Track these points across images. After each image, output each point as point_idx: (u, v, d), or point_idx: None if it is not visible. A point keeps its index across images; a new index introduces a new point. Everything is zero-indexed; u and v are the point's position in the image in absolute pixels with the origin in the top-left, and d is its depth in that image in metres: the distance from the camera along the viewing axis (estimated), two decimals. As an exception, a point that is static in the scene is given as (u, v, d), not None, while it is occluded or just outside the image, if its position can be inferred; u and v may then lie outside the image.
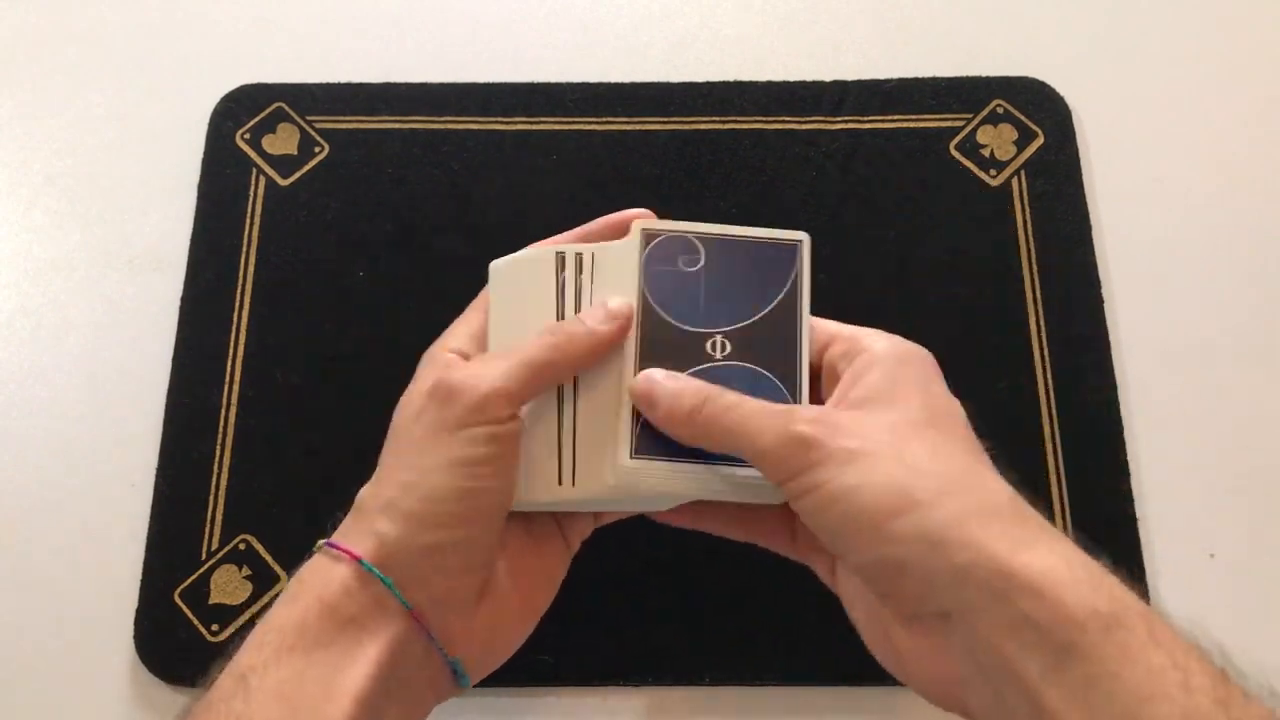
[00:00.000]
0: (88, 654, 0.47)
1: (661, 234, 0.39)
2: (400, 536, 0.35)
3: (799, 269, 0.39)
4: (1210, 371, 0.52)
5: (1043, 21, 0.60)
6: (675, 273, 0.39)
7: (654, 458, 0.37)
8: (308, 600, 0.34)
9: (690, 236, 0.40)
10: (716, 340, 0.38)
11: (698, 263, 0.39)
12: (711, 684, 0.46)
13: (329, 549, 0.36)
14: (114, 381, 0.52)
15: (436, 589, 0.35)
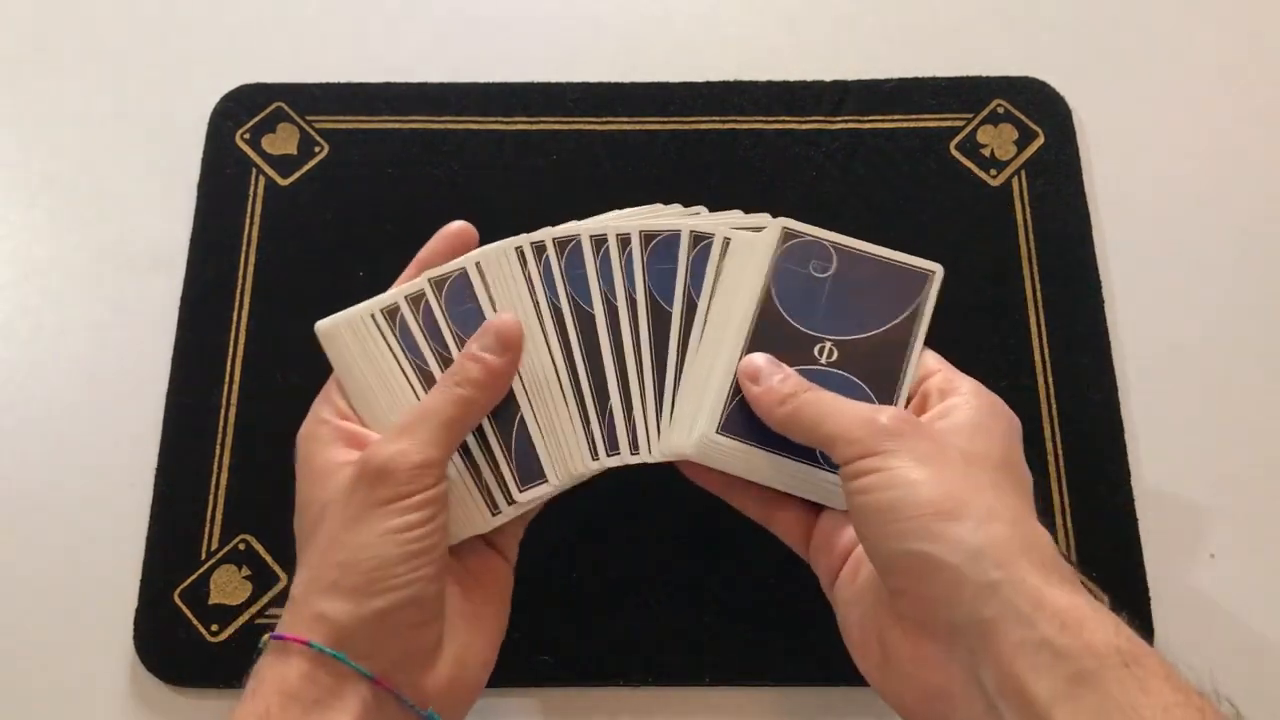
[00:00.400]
0: (88, 654, 0.47)
1: (801, 236, 0.41)
2: (347, 610, 0.35)
3: (924, 298, 0.41)
4: (1210, 371, 0.52)
5: (1043, 21, 0.60)
6: (804, 274, 0.41)
7: (740, 438, 0.38)
8: (268, 695, 0.34)
9: (827, 243, 0.41)
10: (826, 346, 0.40)
11: (828, 269, 0.41)
12: (711, 684, 0.46)
13: (276, 642, 0.35)
14: (114, 381, 0.52)
15: (395, 651, 0.35)
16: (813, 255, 0.41)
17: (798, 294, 0.40)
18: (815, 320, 0.40)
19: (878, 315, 0.40)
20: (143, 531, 0.49)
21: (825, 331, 0.40)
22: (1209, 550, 0.48)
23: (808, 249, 0.41)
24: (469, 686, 0.38)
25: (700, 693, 0.46)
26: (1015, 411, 0.47)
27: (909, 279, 0.41)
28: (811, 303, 0.40)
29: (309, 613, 0.35)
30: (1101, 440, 0.50)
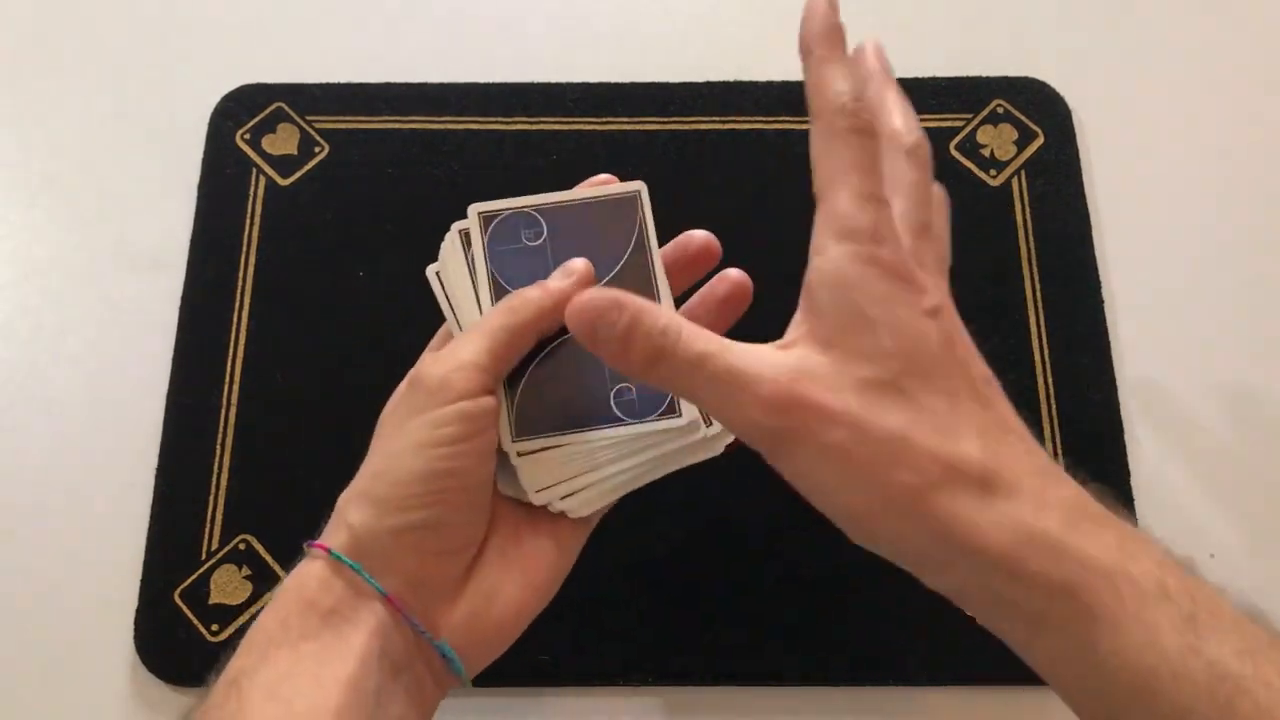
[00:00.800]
0: (88, 654, 0.47)
1: (499, 213, 0.39)
2: (367, 521, 0.34)
3: (641, 218, 0.39)
4: (1210, 371, 0.52)
5: (1043, 21, 0.60)
6: (520, 249, 0.39)
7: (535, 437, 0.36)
8: (288, 599, 0.34)
9: (529, 210, 0.39)
10: None
11: (541, 235, 0.39)
12: (712, 684, 0.46)
13: (308, 548, 0.36)
14: (114, 381, 0.52)
15: (411, 572, 0.35)
16: (520, 226, 0.39)
17: (522, 269, 0.38)
18: None
19: (609, 254, 0.39)
20: (143, 531, 0.49)
21: None
22: (1209, 550, 0.48)
23: (512, 222, 0.39)
24: (488, 642, 0.37)
25: (700, 693, 0.46)
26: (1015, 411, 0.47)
27: (619, 207, 0.39)
28: (542, 271, 0.38)
29: (339, 522, 0.35)
30: (1101, 440, 0.50)
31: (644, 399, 0.37)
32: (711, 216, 0.54)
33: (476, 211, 0.39)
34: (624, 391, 0.37)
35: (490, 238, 0.39)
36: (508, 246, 0.39)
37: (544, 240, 0.39)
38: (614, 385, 0.37)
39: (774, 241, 0.54)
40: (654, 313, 0.32)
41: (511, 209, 0.39)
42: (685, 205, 0.55)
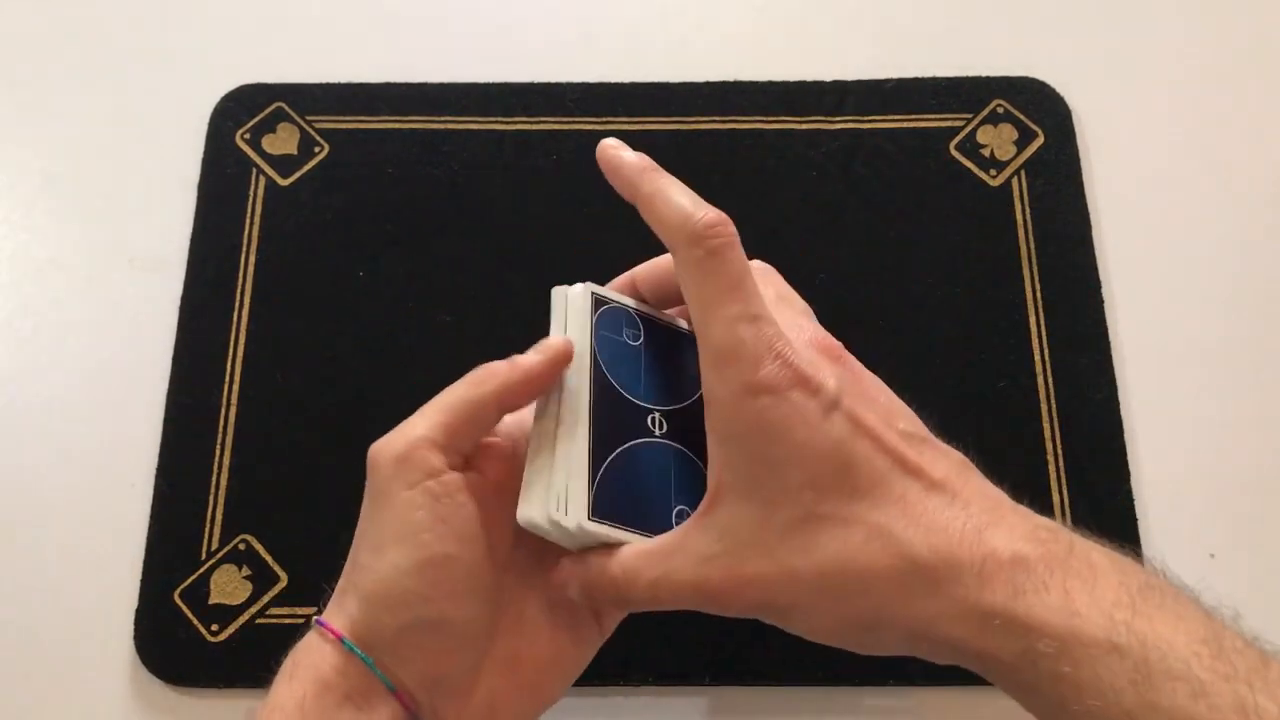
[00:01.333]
0: (88, 654, 0.47)
1: (609, 302, 0.39)
2: (367, 618, 0.33)
3: None
4: (1210, 371, 0.52)
5: (1043, 21, 0.60)
6: (620, 342, 0.39)
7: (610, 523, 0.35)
8: (305, 679, 0.33)
9: (632, 311, 0.40)
10: (655, 416, 0.38)
11: (639, 338, 0.39)
12: (712, 684, 0.46)
13: (318, 626, 0.35)
14: (114, 381, 0.52)
15: (422, 670, 0.34)
16: (623, 323, 0.39)
17: (619, 362, 0.38)
18: (639, 390, 0.38)
19: (688, 384, 0.39)
20: (143, 531, 0.49)
21: (650, 402, 0.38)
22: (1209, 550, 0.48)
23: (617, 316, 0.39)
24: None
25: (700, 693, 0.46)
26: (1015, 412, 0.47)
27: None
28: (633, 371, 0.38)
29: (341, 604, 0.34)
30: (1101, 440, 0.50)
31: None
32: (711, 216, 0.55)
33: (591, 292, 0.39)
34: (683, 514, 0.36)
35: (598, 321, 0.38)
36: (613, 335, 0.39)
37: (640, 344, 0.39)
38: (676, 504, 0.37)
39: (773, 241, 0.54)
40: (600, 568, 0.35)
41: (619, 304, 0.39)
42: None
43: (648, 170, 0.36)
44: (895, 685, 0.46)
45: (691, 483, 0.37)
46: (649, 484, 0.37)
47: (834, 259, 0.54)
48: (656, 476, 0.37)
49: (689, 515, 0.35)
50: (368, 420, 0.50)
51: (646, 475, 0.37)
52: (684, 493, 0.37)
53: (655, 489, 0.37)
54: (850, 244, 0.54)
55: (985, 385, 0.51)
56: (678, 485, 0.37)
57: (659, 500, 0.37)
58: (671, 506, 0.37)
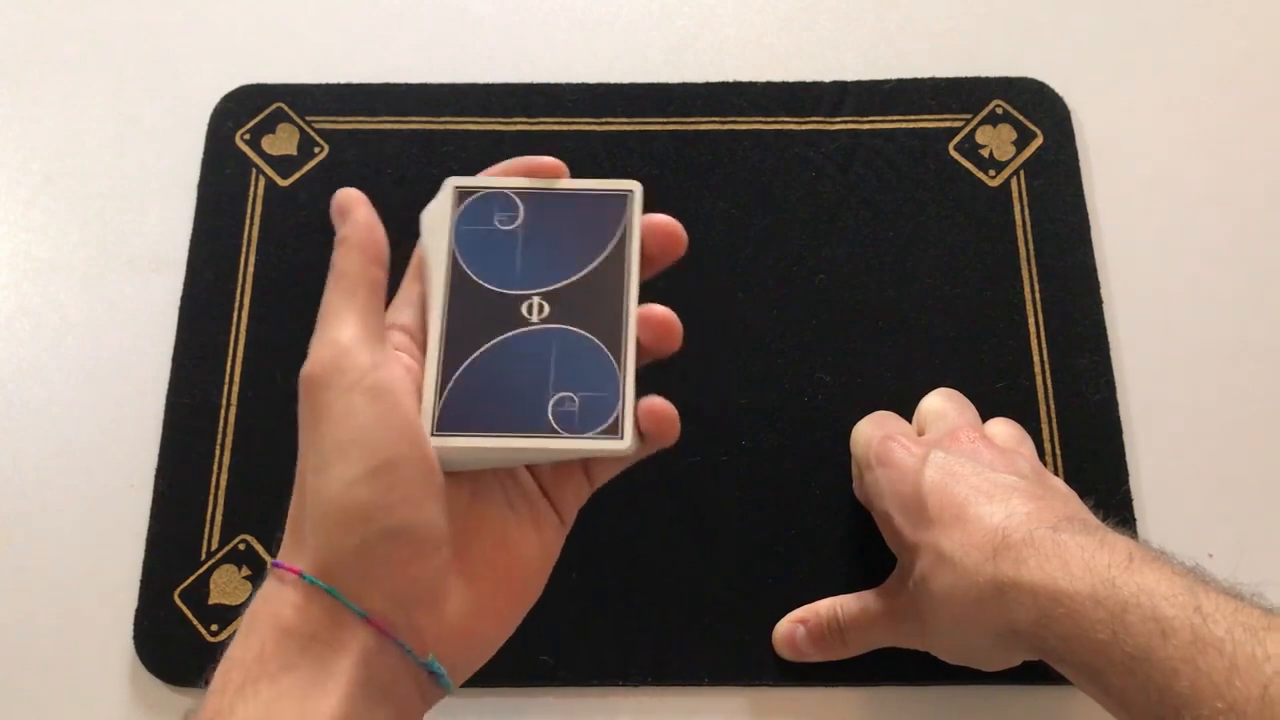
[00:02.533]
0: (88, 654, 0.47)
1: (476, 190, 0.37)
2: (325, 544, 0.31)
3: (628, 221, 0.36)
4: (1210, 371, 0.52)
5: (1042, 21, 0.60)
6: (489, 231, 0.36)
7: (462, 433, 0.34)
8: (262, 628, 0.31)
9: (509, 192, 0.37)
10: (533, 302, 0.35)
11: (515, 220, 0.37)
12: (711, 684, 0.46)
13: (275, 569, 0.32)
14: (114, 381, 0.52)
15: (391, 587, 0.32)
16: (495, 208, 0.36)
17: (487, 254, 0.36)
18: (514, 277, 0.36)
19: (583, 253, 0.36)
20: (143, 531, 0.49)
21: (528, 286, 0.35)
22: (1209, 550, 0.48)
23: (487, 203, 0.37)
24: (477, 646, 0.34)
25: (700, 693, 0.46)
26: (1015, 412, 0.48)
27: (607, 205, 0.36)
28: (506, 260, 0.36)
29: (298, 538, 0.32)
30: (1101, 440, 0.50)
31: (587, 412, 0.34)
32: (711, 216, 0.55)
33: (453, 185, 0.37)
34: (565, 401, 0.34)
35: (460, 216, 0.37)
36: (477, 227, 0.36)
37: (517, 226, 0.37)
38: (555, 393, 0.34)
39: (773, 241, 0.54)
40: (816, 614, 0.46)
41: (490, 189, 0.37)
42: (685, 205, 0.55)
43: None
44: (895, 685, 0.46)
45: (582, 361, 0.35)
46: (518, 380, 0.34)
47: (834, 259, 0.54)
48: (531, 369, 0.35)
49: (574, 402, 0.34)
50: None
51: (515, 371, 0.35)
52: (569, 379, 0.34)
53: (527, 383, 0.34)
54: (850, 244, 0.54)
55: (985, 385, 0.51)
56: (559, 372, 0.35)
57: (530, 395, 0.34)
58: (548, 397, 0.34)
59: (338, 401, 0.31)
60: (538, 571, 0.36)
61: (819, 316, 0.53)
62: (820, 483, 0.49)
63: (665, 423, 0.34)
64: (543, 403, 0.34)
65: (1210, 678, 0.31)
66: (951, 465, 0.41)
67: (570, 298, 0.35)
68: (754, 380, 0.51)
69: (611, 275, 0.36)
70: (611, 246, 0.36)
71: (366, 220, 0.36)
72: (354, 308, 0.33)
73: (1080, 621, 0.35)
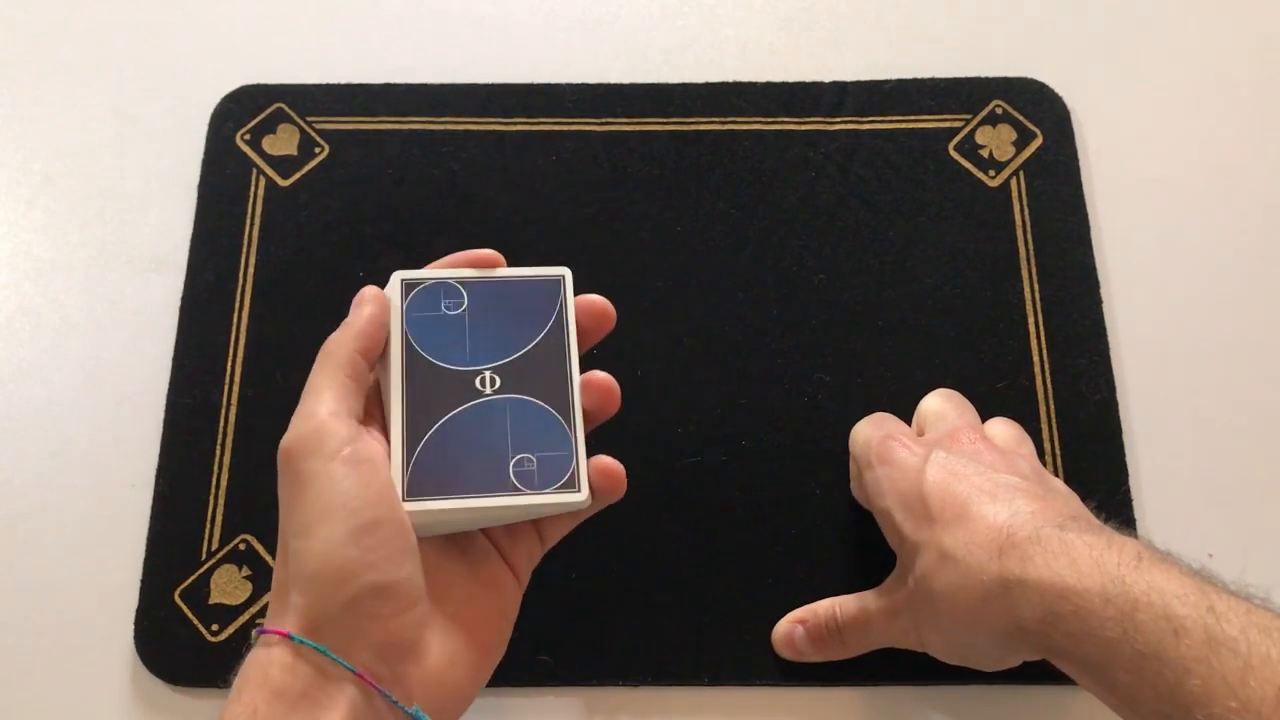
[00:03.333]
0: (88, 654, 0.47)
1: (422, 282, 0.40)
2: (314, 602, 0.33)
3: (563, 300, 0.40)
4: (1210, 371, 0.52)
5: (1042, 22, 0.60)
6: (438, 317, 0.40)
7: (430, 497, 0.37)
8: (253, 692, 0.33)
9: (452, 281, 0.40)
10: (485, 376, 0.39)
11: (460, 305, 0.40)
12: (711, 684, 0.46)
13: (262, 636, 0.34)
14: (114, 381, 0.52)
15: (376, 641, 0.34)
16: (440, 296, 0.40)
17: (438, 336, 0.39)
18: (464, 355, 0.39)
19: (525, 331, 0.40)
20: (143, 531, 0.49)
21: (480, 362, 0.39)
22: (1209, 551, 0.48)
23: (433, 292, 0.40)
24: (456, 691, 0.36)
25: (700, 693, 0.46)
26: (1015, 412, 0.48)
27: (542, 288, 0.41)
28: (455, 340, 0.39)
29: (285, 604, 0.34)
30: (1101, 440, 0.50)
31: (544, 470, 0.37)
32: (711, 216, 0.55)
33: (399, 279, 0.40)
34: (524, 462, 0.38)
35: (409, 304, 0.40)
36: (426, 314, 0.40)
37: (463, 310, 0.40)
38: (515, 454, 0.38)
39: (773, 241, 0.54)
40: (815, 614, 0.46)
41: (435, 279, 0.40)
42: (685, 205, 0.55)
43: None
44: (895, 685, 0.46)
45: (535, 425, 0.38)
46: (479, 446, 0.37)
47: (834, 259, 0.54)
48: (490, 435, 0.38)
49: (532, 462, 0.38)
50: (368, 420, 0.50)
51: (475, 438, 0.38)
52: (525, 442, 0.38)
53: (488, 448, 0.37)
54: (850, 244, 0.54)
55: (985, 385, 0.51)
56: (515, 437, 0.38)
57: (493, 457, 0.37)
58: (509, 459, 0.37)
59: (320, 470, 0.34)
60: (501, 628, 0.39)
61: (819, 316, 0.53)
62: (820, 483, 0.49)
63: (614, 479, 0.38)
64: (504, 464, 0.38)
65: (1224, 677, 0.31)
66: (954, 465, 0.41)
67: (519, 370, 0.39)
68: (754, 380, 0.51)
69: (554, 348, 0.40)
70: (551, 324, 0.40)
71: (372, 316, 0.39)
72: (334, 386, 0.37)
73: (1088, 619, 0.35)
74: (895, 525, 0.42)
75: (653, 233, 0.54)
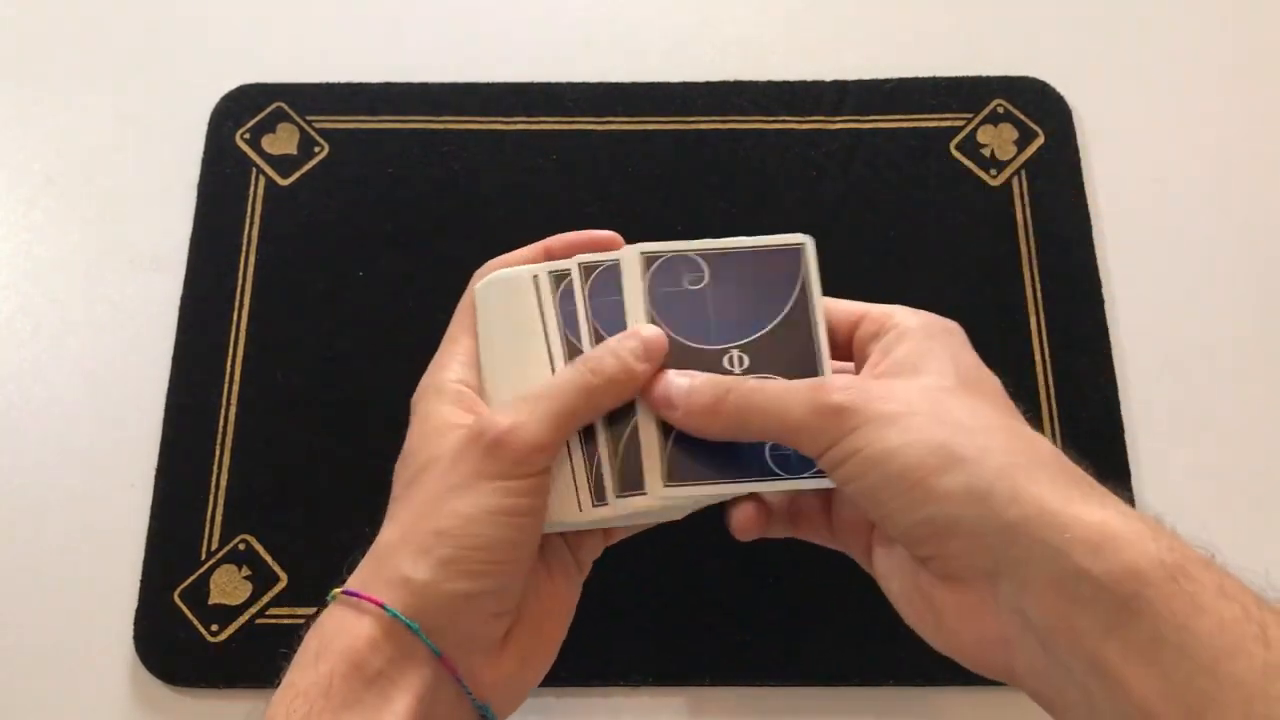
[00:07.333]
0: (88, 654, 0.47)
1: (662, 255, 0.39)
2: (433, 582, 0.33)
3: (805, 273, 0.39)
4: (1210, 371, 0.52)
5: (1043, 21, 0.60)
6: (680, 292, 0.38)
7: (689, 483, 0.37)
8: (332, 660, 0.32)
9: (692, 254, 0.39)
10: (733, 355, 0.38)
11: (702, 280, 0.39)
12: (711, 684, 0.46)
13: (350, 598, 0.34)
14: (114, 381, 0.52)
15: (465, 634, 0.34)
16: (681, 270, 0.39)
17: (682, 313, 0.38)
18: (711, 334, 0.38)
19: (769, 305, 0.38)
20: (143, 531, 0.49)
21: (726, 341, 0.38)
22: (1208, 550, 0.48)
23: (673, 265, 0.39)
24: (518, 691, 0.37)
25: (700, 693, 0.46)
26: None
27: (783, 258, 0.39)
28: (700, 318, 0.38)
29: (391, 574, 0.34)
30: (1101, 440, 0.50)
31: (800, 455, 0.36)
32: (711, 216, 0.55)
33: (639, 252, 0.39)
34: (779, 446, 0.37)
35: (652, 279, 0.38)
36: (670, 288, 0.38)
37: (704, 285, 0.39)
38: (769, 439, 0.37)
39: (774, 241, 0.54)
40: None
41: (676, 252, 0.39)
42: (685, 205, 0.55)
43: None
44: (895, 685, 0.46)
45: None
46: None
47: (834, 259, 0.53)
48: None
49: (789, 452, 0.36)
50: (367, 420, 0.50)
51: None
52: None
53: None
54: (850, 244, 0.54)
55: (985, 385, 0.50)
56: None
57: (746, 445, 0.37)
58: (764, 445, 0.37)
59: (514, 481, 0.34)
60: (565, 619, 0.39)
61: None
62: (820, 483, 0.49)
63: None
64: (760, 450, 0.37)
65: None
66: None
67: (766, 347, 0.38)
68: (754, 380, 0.51)
69: (799, 323, 0.38)
70: (795, 297, 0.39)
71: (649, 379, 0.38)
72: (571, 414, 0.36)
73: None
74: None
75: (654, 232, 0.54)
